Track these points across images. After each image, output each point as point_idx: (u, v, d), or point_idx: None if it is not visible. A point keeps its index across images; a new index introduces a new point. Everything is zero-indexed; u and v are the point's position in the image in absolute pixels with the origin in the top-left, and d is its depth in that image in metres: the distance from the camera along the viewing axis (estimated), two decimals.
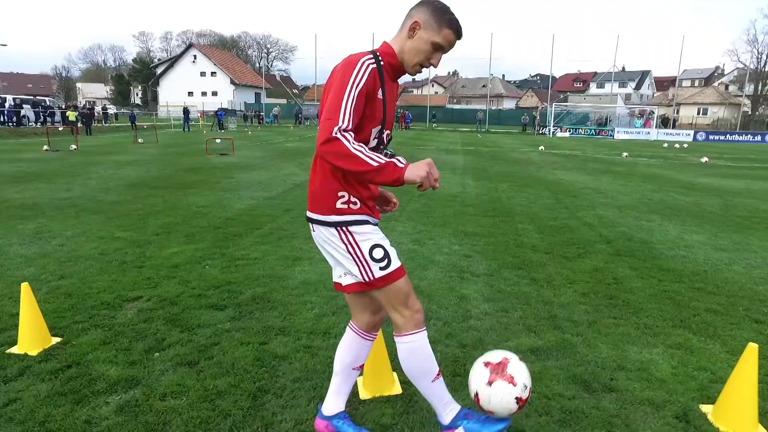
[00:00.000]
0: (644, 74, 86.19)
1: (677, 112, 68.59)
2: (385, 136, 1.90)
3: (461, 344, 3.01)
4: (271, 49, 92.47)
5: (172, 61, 62.00)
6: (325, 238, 1.90)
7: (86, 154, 15.18)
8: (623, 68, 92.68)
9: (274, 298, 3.71)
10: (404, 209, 7.18)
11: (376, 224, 1.94)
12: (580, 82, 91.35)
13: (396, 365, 2.66)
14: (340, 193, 1.85)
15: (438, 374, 1.94)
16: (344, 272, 1.95)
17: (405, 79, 2.30)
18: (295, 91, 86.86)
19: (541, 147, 22.70)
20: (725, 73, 77.81)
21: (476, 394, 1.86)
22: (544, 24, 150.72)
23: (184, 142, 20.71)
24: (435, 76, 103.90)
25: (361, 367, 2.15)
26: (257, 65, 74.25)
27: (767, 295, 4.00)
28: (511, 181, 10.68)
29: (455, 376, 2.61)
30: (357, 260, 1.85)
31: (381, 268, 1.84)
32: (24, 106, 28.82)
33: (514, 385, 1.81)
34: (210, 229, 5.90)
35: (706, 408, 2.38)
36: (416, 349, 1.89)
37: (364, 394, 2.45)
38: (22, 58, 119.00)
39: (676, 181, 11.54)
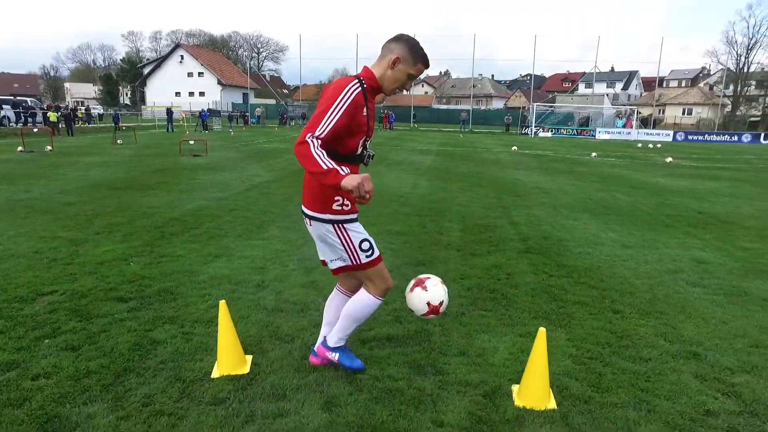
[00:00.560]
0: (632, 74, 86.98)
1: (663, 112, 69.57)
2: (368, 142, 2.44)
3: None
4: (261, 49, 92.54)
5: (160, 62, 62.09)
6: (321, 233, 2.45)
7: (60, 156, 15.38)
8: (612, 68, 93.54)
9: (179, 291, 4.02)
10: None
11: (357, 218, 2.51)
12: (568, 82, 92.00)
13: (247, 349, 3.00)
14: (336, 198, 2.37)
15: (357, 326, 2.67)
16: (335, 258, 2.52)
17: None
18: (285, 91, 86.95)
19: (515, 147, 23.10)
20: (711, 73, 78.65)
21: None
22: (533, 23, 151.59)
23: (164, 143, 20.93)
24: (426, 76, 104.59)
25: None
26: (248, 65, 74.33)
27: (639, 288, 4.34)
28: (465, 182, 11.03)
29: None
30: (349, 250, 2.45)
31: (367, 256, 2.47)
32: (4, 106, 28.87)
33: (425, 290, 2.56)
34: (150, 228, 6.18)
35: (515, 387, 2.71)
36: (365, 307, 2.56)
37: (215, 373, 2.76)
38: (9, 57, 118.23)
39: (629, 181, 11.92)
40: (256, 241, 5.68)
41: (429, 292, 2.55)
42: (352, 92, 2.21)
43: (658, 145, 29.73)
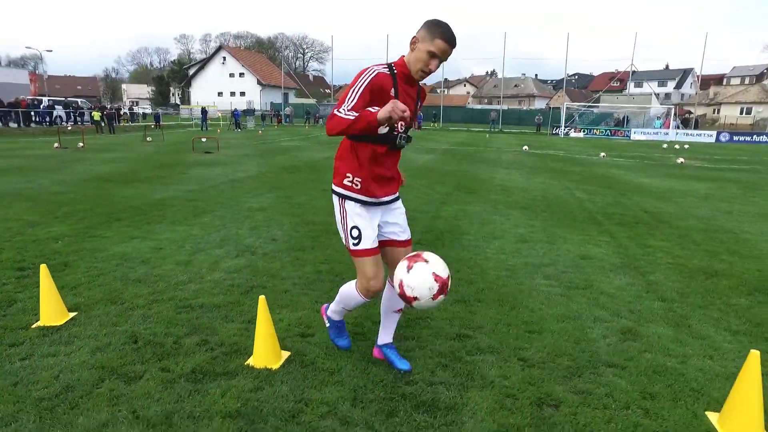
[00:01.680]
0: (686, 72, 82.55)
1: (717, 111, 65.58)
2: (399, 125, 2.44)
3: (155, 300, 3.92)
4: (306, 50, 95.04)
5: (204, 63, 65.31)
6: (333, 204, 2.61)
7: (89, 152, 16.88)
8: (666, 66, 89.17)
9: (74, 263, 4.72)
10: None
11: (373, 203, 2.55)
12: (617, 81, 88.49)
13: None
14: (347, 174, 2.49)
15: (343, 314, 2.89)
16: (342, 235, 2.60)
17: (436, 79, 2.70)
18: (328, 90, 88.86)
19: (526, 147, 22.90)
20: None
21: (401, 284, 2.30)
22: (579, 21, 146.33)
23: (187, 141, 22.35)
24: (471, 75, 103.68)
25: (400, 310, 2.85)
26: (291, 66, 76.63)
27: (487, 278, 4.63)
28: (434, 179, 11.33)
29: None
30: (343, 230, 2.57)
31: (353, 244, 2.52)
32: (56, 107, 31.57)
33: (427, 262, 2.28)
34: (103, 215, 6.98)
35: None
36: (350, 294, 2.68)
37: (39, 323, 3.40)
38: (77, 60, 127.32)
39: (610, 181, 11.78)
40: (181, 226, 6.35)
41: (431, 263, 2.29)
42: (370, 74, 2.30)
43: (686, 146, 28.40)
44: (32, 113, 28.63)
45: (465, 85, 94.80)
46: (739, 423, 2.35)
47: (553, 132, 39.20)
